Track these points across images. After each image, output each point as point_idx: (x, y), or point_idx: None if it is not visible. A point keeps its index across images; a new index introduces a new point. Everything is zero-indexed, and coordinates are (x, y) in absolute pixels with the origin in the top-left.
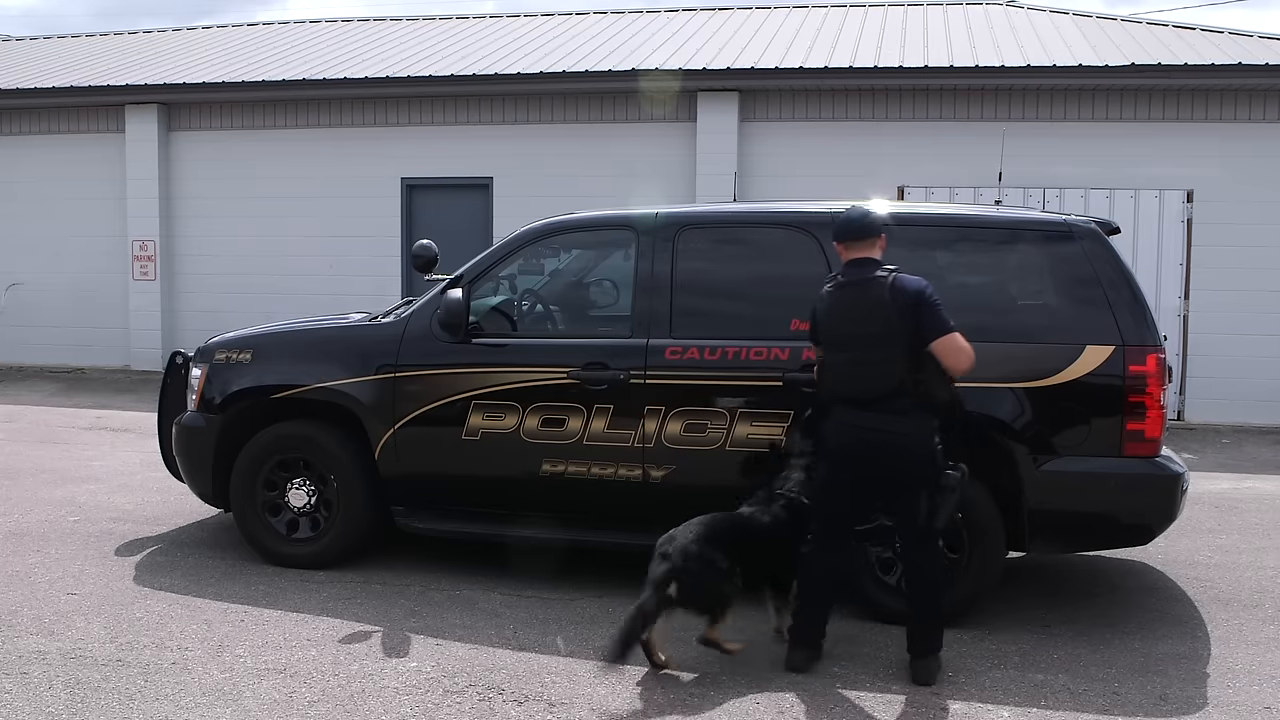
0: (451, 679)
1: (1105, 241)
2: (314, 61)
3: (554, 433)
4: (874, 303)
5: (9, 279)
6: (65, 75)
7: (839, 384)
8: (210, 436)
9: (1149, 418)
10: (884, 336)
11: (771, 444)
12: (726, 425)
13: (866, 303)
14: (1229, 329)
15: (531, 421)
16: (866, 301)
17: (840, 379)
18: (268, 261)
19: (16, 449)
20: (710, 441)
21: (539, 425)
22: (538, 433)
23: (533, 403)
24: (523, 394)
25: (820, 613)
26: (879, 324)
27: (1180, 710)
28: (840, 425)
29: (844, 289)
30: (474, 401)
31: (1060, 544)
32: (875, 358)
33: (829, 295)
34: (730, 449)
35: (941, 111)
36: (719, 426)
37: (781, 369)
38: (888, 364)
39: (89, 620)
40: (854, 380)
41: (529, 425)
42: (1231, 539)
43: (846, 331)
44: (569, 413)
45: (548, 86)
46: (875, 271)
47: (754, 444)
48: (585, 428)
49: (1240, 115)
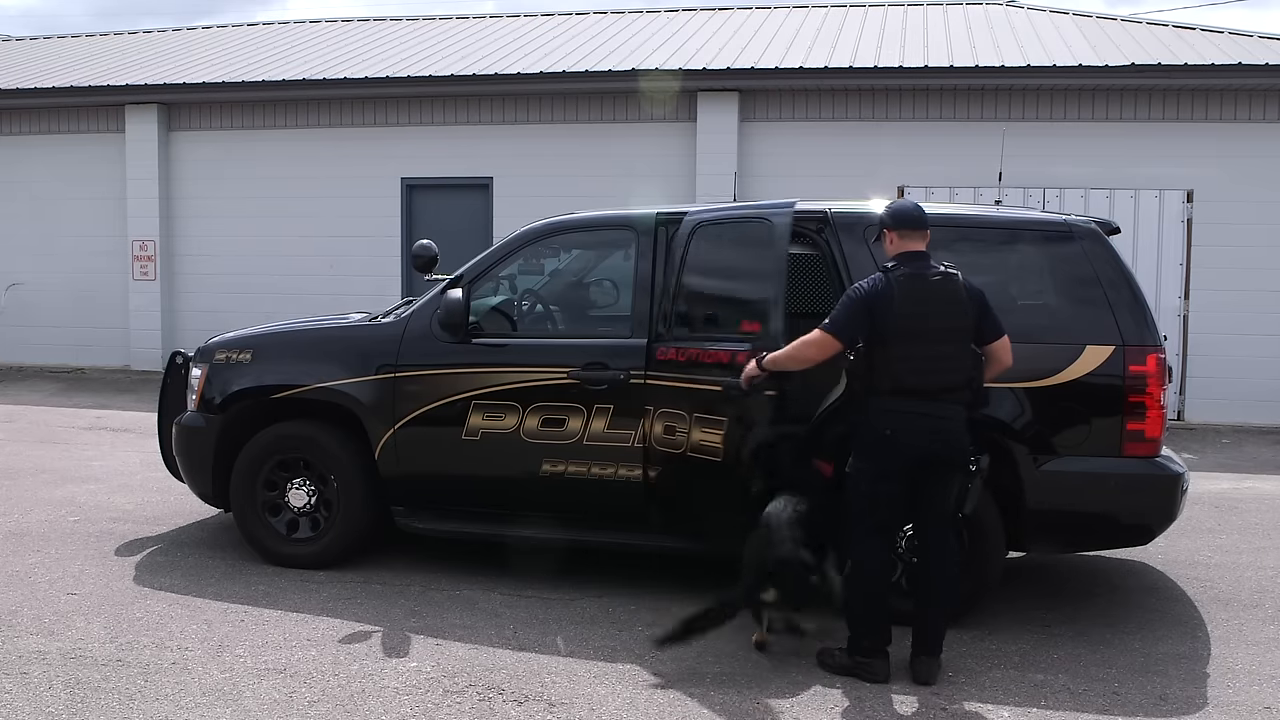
0: (451, 679)
1: (1105, 242)
2: (314, 61)
3: (554, 433)
4: (954, 297)
5: (9, 279)
6: (65, 75)
7: (911, 375)
8: (210, 437)
9: (1149, 418)
10: (964, 331)
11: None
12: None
13: (947, 296)
14: (1229, 329)
15: (532, 422)
16: (947, 295)
17: (914, 370)
18: (268, 261)
19: (16, 449)
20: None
21: (539, 425)
22: (538, 433)
23: (533, 403)
24: (523, 394)
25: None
26: (960, 318)
27: (1180, 710)
28: (905, 415)
29: (918, 281)
30: (474, 402)
31: (1060, 544)
32: (953, 351)
33: (901, 285)
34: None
35: (941, 111)
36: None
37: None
38: (962, 358)
39: (89, 620)
40: (931, 373)
41: (529, 425)
42: (1231, 539)
43: (926, 325)
44: (569, 413)
45: (548, 86)
46: (942, 266)
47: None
48: (585, 428)
49: (1240, 115)
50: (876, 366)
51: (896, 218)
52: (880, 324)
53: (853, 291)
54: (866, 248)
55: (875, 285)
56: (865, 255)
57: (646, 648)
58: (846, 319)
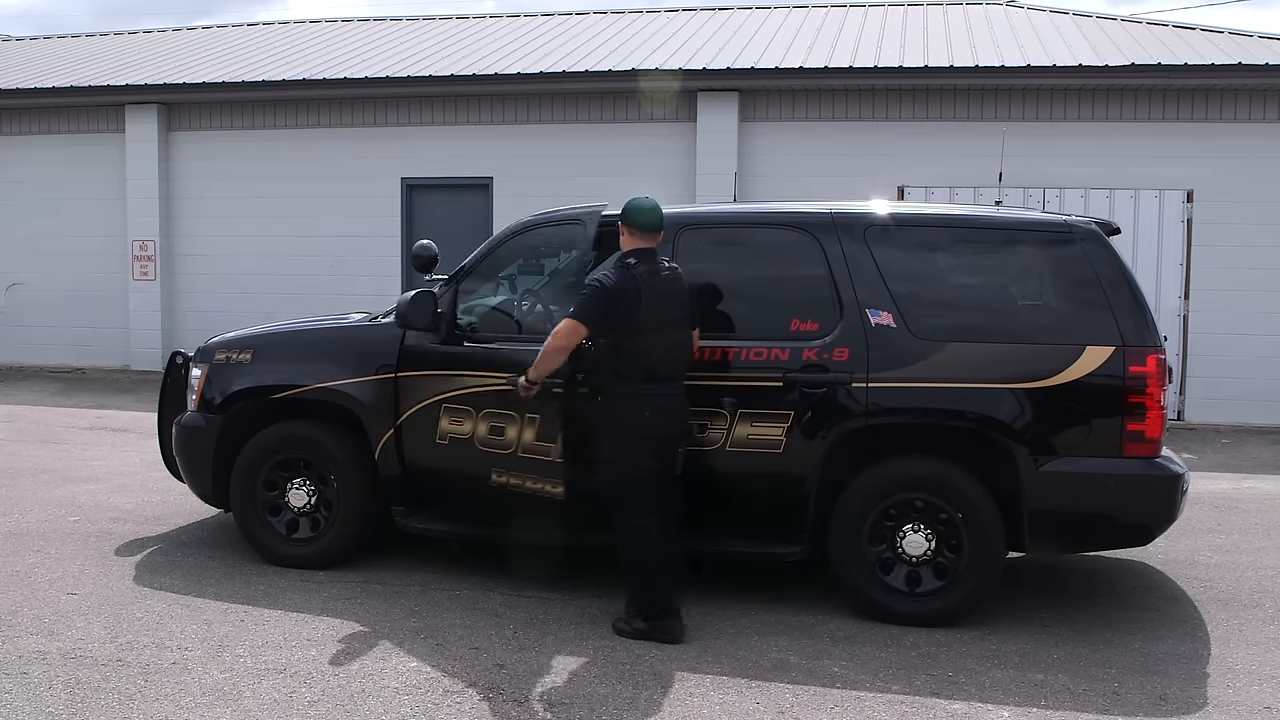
0: (451, 679)
1: (1106, 242)
2: (314, 61)
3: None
4: (682, 290)
5: (9, 279)
6: (65, 75)
7: (661, 363)
8: (210, 437)
9: (1149, 418)
10: (688, 321)
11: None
12: (727, 425)
13: (678, 291)
14: (1229, 329)
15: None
16: (678, 290)
17: (659, 359)
18: (268, 261)
19: (16, 449)
20: (710, 442)
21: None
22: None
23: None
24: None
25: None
26: (685, 309)
27: (1180, 710)
28: (658, 398)
29: (655, 276)
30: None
31: (1060, 544)
32: (684, 339)
33: (645, 281)
34: (730, 449)
35: (941, 111)
36: (719, 427)
37: (782, 369)
38: (688, 344)
39: (89, 620)
40: (670, 360)
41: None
42: (1231, 539)
43: (666, 317)
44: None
45: (548, 86)
46: (665, 261)
47: (754, 444)
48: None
49: (1240, 115)
50: (625, 355)
51: (643, 218)
52: (628, 316)
53: (598, 283)
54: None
55: (622, 279)
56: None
57: (647, 648)
58: (595, 309)
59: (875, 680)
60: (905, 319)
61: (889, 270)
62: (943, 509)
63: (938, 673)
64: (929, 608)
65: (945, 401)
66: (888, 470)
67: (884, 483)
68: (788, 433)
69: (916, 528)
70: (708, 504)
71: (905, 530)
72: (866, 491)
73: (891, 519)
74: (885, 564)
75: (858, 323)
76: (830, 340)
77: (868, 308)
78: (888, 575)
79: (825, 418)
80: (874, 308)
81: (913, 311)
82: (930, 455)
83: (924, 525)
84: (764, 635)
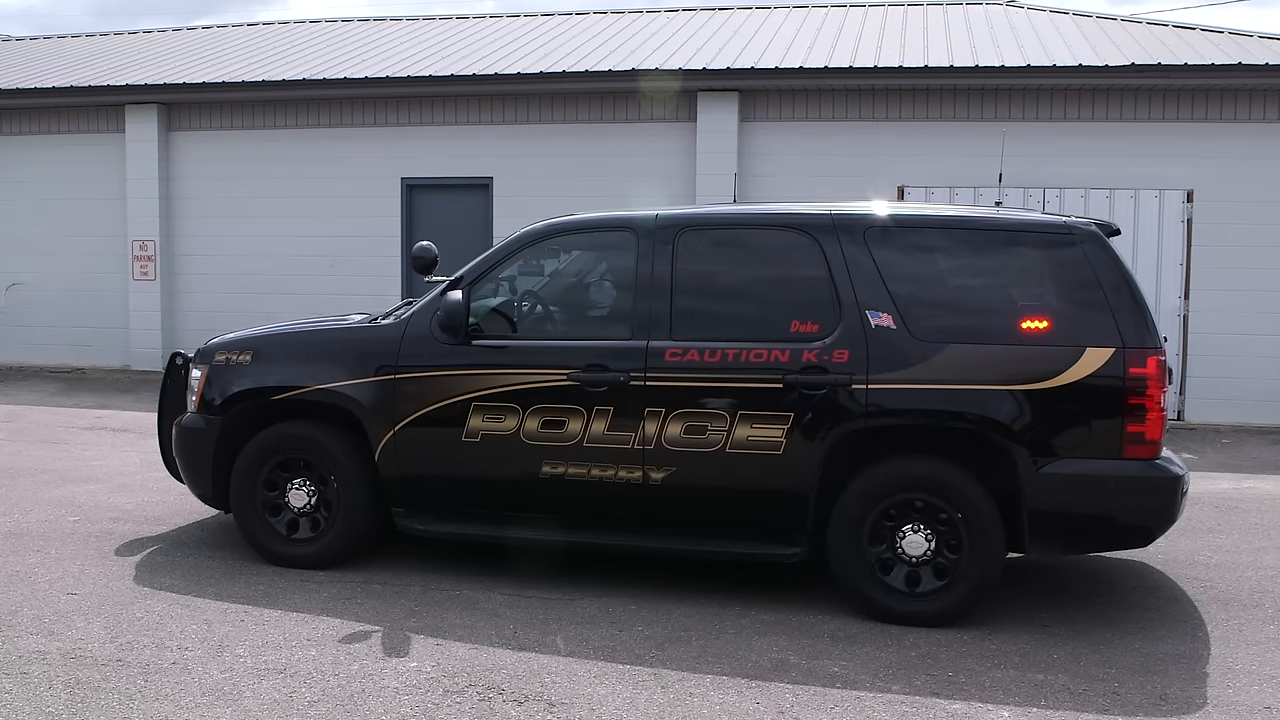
0: (451, 679)
1: (1106, 244)
2: (314, 61)
3: (554, 434)
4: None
5: (9, 279)
6: (65, 75)
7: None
8: (210, 438)
9: (1149, 420)
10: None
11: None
12: (727, 427)
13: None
14: (1229, 329)
15: (532, 423)
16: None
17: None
18: (268, 261)
19: (16, 449)
20: (711, 443)
21: (539, 427)
22: (538, 434)
23: (533, 404)
24: (523, 396)
25: None
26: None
27: (1180, 710)
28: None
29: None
30: (474, 403)
31: (1060, 545)
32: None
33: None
34: (731, 450)
35: (941, 111)
36: (719, 428)
37: (782, 371)
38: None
39: (89, 620)
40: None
41: (529, 427)
42: (1231, 539)
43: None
44: (569, 414)
45: (548, 86)
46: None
47: (754, 446)
48: (585, 429)
49: (1240, 115)
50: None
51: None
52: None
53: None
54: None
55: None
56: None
57: (646, 648)
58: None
59: (875, 680)
60: (905, 320)
61: (889, 271)
62: (942, 509)
63: (938, 673)
64: (929, 608)
65: (945, 403)
66: (888, 470)
67: (884, 483)
68: (788, 434)
69: (916, 528)
70: (707, 505)
71: (905, 530)
72: (866, 492)
73: (891, 519)
74: (885, 564)
75: (857, 324)
76: (830, 342)
77: (867, 309)
78: (888, 575)
79: (825, 419)
80: (874, 309)
81: (913, 313)
82: (930, 456)
83: (924, 526)
84: (764, 635)
